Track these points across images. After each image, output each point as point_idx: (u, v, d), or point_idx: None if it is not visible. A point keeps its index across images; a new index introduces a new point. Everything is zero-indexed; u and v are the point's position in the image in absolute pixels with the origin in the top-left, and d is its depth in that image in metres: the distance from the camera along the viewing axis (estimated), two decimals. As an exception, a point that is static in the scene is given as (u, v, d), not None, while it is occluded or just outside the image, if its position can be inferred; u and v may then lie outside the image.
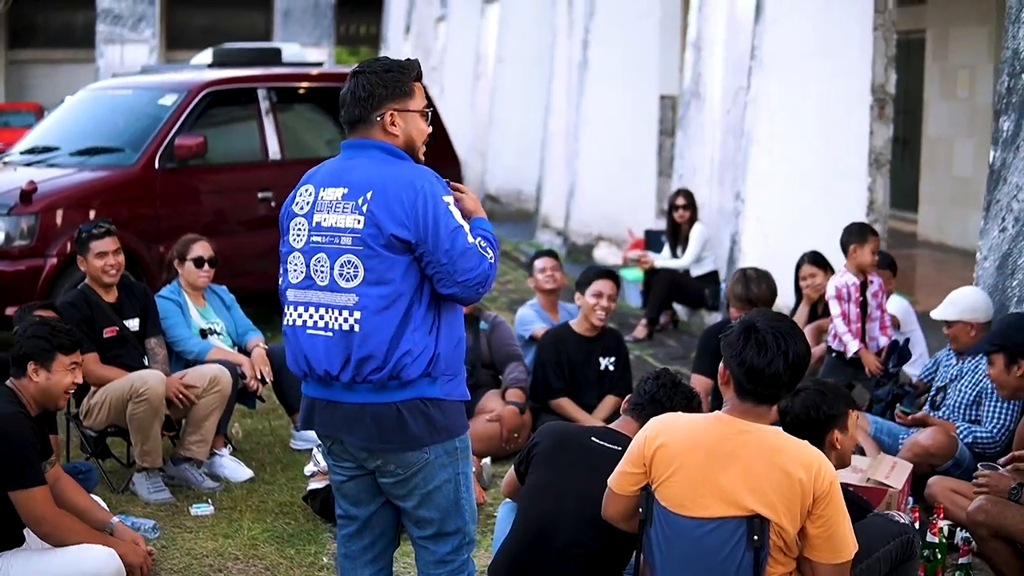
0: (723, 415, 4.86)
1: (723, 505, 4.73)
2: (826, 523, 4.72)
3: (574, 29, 20.02)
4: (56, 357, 6.23)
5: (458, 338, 5.07)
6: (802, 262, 10.09)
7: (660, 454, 4.86)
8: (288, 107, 13.84)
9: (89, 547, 6.00)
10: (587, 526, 5.53)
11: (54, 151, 12.78)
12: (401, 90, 5.07)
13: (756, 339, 4.76)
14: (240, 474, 8.47)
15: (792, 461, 4.71)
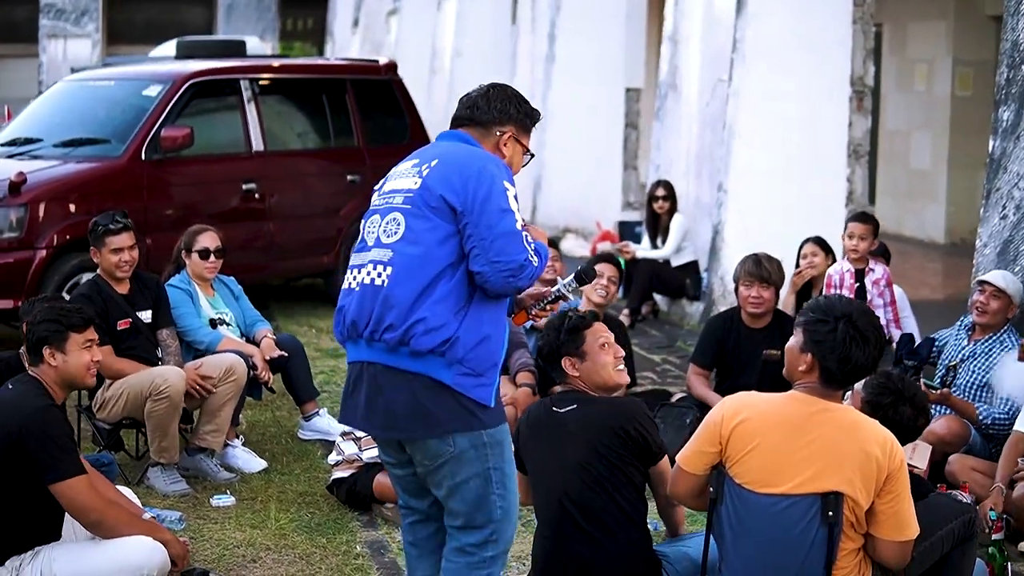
0: (800, 394, 4.94)
1: (801, 481, 4.81)
2: (894, 500, 4.84)
3: (538, 23, 20.10)
4: (69, 336, 6.12)
5: (485, 335, 4.99)
6: (806, 242, 10.16)
7: (739, 431, 4.93)
8: (271, 99, 13.84)
9: (133, 539, 5.95)
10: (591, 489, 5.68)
11: (37, 143, 12.69)
12: (526, 124, 5.31)
13: (859, 336, 4.86)
14: (254, 465, 8.46)
15: (869, 438, 4.82)
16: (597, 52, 18.68)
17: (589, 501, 5.71)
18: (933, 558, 5.28)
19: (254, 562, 6.81)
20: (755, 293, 8.87)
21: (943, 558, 5.32)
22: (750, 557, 4.99)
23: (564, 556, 5.70)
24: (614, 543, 5.68)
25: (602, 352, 5.96)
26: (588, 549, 5.69)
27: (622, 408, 5.78)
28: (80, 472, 5.86)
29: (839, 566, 4.87)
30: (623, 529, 5.70)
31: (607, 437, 5.67)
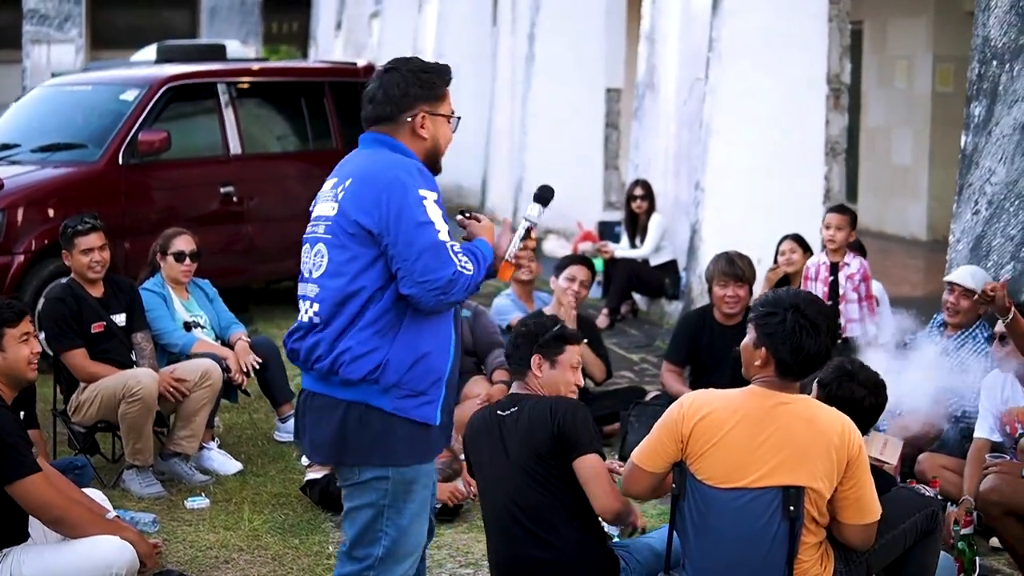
0: (758, 388, 4.97)
1: (762, 475, 4.85)
2: (855, 486, 4.91)
3: (518, 23, 20.12)
4: (5, 332, 6.16)
5: (423, 353, 4.78)
6: (784, 239, 10.20)
7: (700, 427, 4.97)
8: (249, 102, 13.85)
9: (102, 538, 5.98)
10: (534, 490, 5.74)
11: (14, 148, 12.70)
12: (434, 92, 4.97)
13: (808, 325, 4.89)
14: (229, 467, 8.49)
15: (827, 428, 4.89)
16: (577, 52, 18.70)
17: (534, 502, 5.75)
18: (896, 551, 5.32)
19: (227, 563, 6.84)
20: (731, 292, 8.94)
21: (906, 551, 5.35)
22: (713, 552, 5.02)
23: (517, 559, 5.74)
24: (564, 542, 5.72)
25: (571, 371, 6.09)
26: (539, 550, 5.72)
27: (554, 405, 5.81)
28: (33, 471, 5.86)
29: (801, 560, 4.91)
30: (572, 527, 5.74)
31: (543, 435, 5.72)
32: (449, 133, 5.04)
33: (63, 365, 8.24)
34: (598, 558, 5.80)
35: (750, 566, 4.93)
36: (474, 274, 4.74)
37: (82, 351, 8.09)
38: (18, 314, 6.23)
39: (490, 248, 4.89)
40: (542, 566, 5.73)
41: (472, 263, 4.76)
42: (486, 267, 4.84)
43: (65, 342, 8.10)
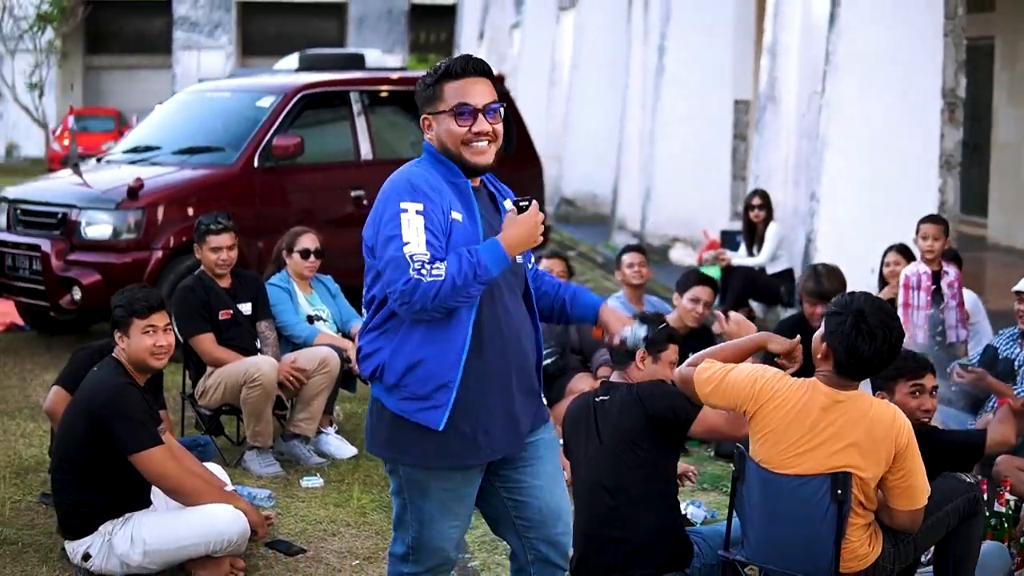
0: (820, 384, 5.34)
1: (814, 464, 5.23)
2: (905, 475, 5.26)
3: (649, 36, 20.49)
4: (132, 322, 6.63)
5: (418, 359, 4.88)
6: (889, 250, 10.50)
7: (764, 412, 5.38)
8: (379, 109, 14.38)
9: (216, 506, 6.54)
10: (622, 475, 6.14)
11: (156, 150, 13.42)
12: (428, 95, 5.00)
13: (867, 330, 5.23)
14: (345, 451, 9.01)
15: (877, 423, 5.22)
16: (706, 64, 19.00)
17: (620, 485, 6.17)
18: (940, 533, 5.65)
19: (333, 536, 7.34)
20: (819, 311, 9.17)
21: (950, 533, 5.68)
22: (768, 531, 5.44)
23: (599, 536, 6.17)
24: (644, 525, 6.14)
25: (669, 368, 6.52)
26: (620, 530, 6.15)
27: (639, 391, 6.23)
28: (156, 443, 6.42)
29: (849, 540, 5.29)
30: (652, 511, 6.16)
31: (634, 422, 6.14)
32: (454, 127, 4.94)
33: (192, 352, 8.82)
34: (673, 543, 6.22)
35: (802, 545, 5.33)
36: (447, 280, 4.71)
37: (209, 336, 8.67)
38: (149, 308, 6.66)
39: (495, 244, 4.84)
40: (621, 544, 6.17)
41: (450, 268, 4.74)
42: (481, 268, 4.77)
43: (193, 328, 8.68)
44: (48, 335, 13.12)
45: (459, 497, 5.08)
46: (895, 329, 5.34)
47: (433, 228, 4.82)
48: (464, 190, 4.99)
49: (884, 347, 5.27)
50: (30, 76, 35.18)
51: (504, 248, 4.84)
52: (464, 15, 44.14)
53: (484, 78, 5.02)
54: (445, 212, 4.89)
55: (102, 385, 6.51)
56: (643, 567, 6.21)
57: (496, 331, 4.98)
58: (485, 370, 4.95)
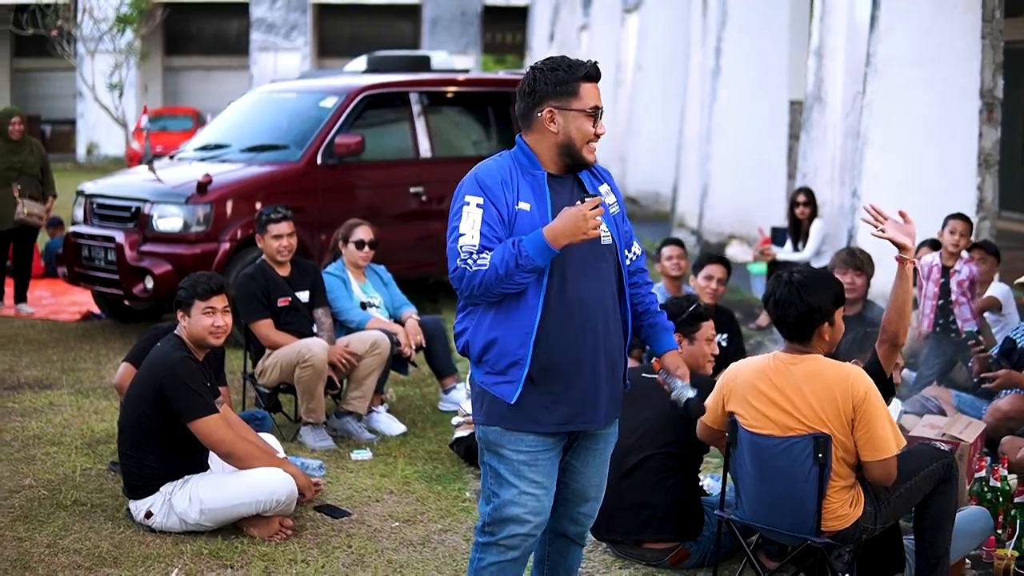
0: (779, 353, 5.96)
1: (787, 426, 5.81)
2: (866, 425, 5.79)
3: (707, 38, 20.99)
4: (193, 303, 7.30)
5: (491, 339, 5.19)
6: (922, 245, 10.99)
7: (734, 387, 6.03)
8: (438, 109, 15.00)
9: (267, 469, 7.20)
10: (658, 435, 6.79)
11: (225, 148, 14.14)
12: (564, 89, 5.16)
13: (787, 281, 5.89)
14: (394, 428, 9.62)
15: (830, 380, 5.82)
16: (761, 65, 19.51)
17: (649, 455, 6.77)
18: (918, 497, 6.16)
19: (377, 502, 7.95)
20: (848, 280, 9.72)
21: (927, 498, 6.20)
22: (758, 491, 6.01)
23: (622, 498, 6.75)
24: (664, 495, 6.76)
25: (707, 344, 7.24)
26: (642, 496, 6.76)
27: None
28: (211, 412, 7.08)
29: (830, 499, 5.85)
30: (673, 482, 6.76)
31: (665, 409, 6.67)
32: (587, 127, 5.17)
33: (252, 335, 9.46)
34: (688, 514, 6.82)
35: (789, 503, 5.89)
36: (491, 269, 5.01)
37: (268, 321, 9.31)
38: (209, 291, 7.34)
39: (538, 235, 5.01)
40: (640, 509, 6.78)
41: (494, 257, 5.03)
42: (523, 256, 5.00)
43: (253, 313, 9.32)
44: (122, 323, 13.82)
45: (534, 462, 5.25)
46: (809, 292, 5.90)
47: (490, 221, 5.11)
48: (540, 180, 5.24)
49: (795, 308, 5.88)
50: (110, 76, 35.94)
51: (546, 238, 5.01)
52: (536, 17, 44.75)
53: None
54: (509, 204, 5.15)
55: (164, 358, 7.17)
56: (660, 532, 6.81)
57: (571, 311, 5.19)
58: (558, 351, 5.17)
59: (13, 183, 14.10)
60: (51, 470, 8.39)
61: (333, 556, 6.98)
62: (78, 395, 10.55)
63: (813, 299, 5.90)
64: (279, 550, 7.01)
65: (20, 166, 14.18)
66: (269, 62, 48.86)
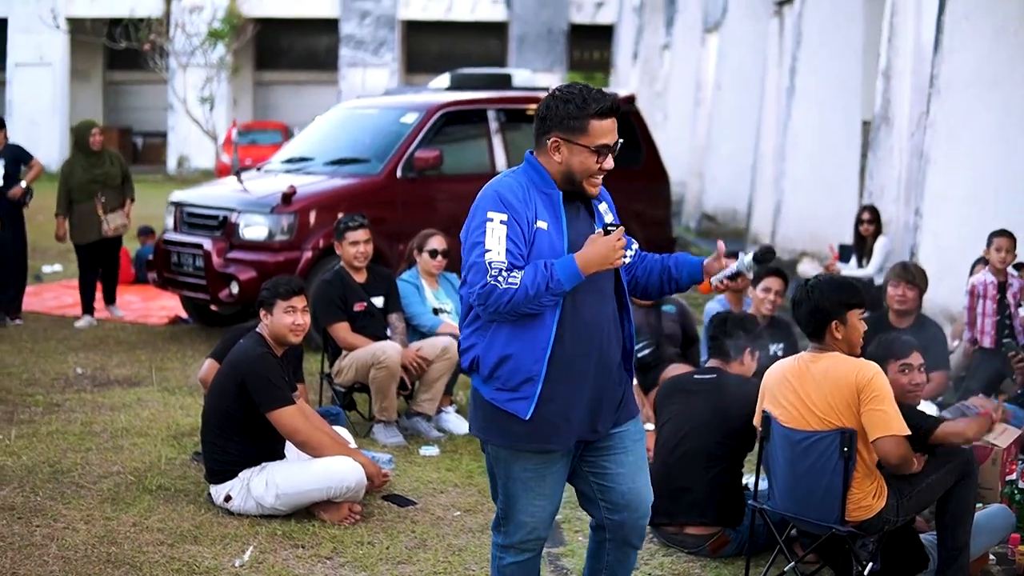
0: (804, 354, 6.43)
1: (810, 421, 6.28)
2: (873, 403, 6.26)
3: (783, 57, 21.40)
4: (276, 303, 7.91)
5: (506, 355, 5.26)
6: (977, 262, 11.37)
7: (768, 384, 6.53)
8: (515, 126, 15.50)
9: (338, 458, 7.77)
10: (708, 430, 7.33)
11: (309, 161, 14.75)
12: (571, 125, 5.25)
13: (797, 293, 6.42)
14: (462, 428, 10.14)
15: (841, 374, 6.33)
16: (835, 85, 19.86)
17: (698, 446, 7.28)
18: (938, 493, 6.61)
19: (441, 493, 8.48)
20: (900, 292, 10.12)
21: (947, 493, 6.63)
22: (788, 484, 6.48)
23: (666, 485, 7.23)
24: (707, 482, 7.25)
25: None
26: (686, 481, 7.25)
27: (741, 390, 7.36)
28: (288, 403, 7.66)
29: (854, 491, 6.32)
30: (716, 471, 7.25)
31: (737, 409, 7.23)
32: (590, 163, 5.27)
33: (329, 337, 10.01)
34: (729, 501, 7.32)
35: (817, 494, 6.38)
36: (521, 289, 5.11)
37: (344, 325, 9.87)
38: (291, 291, 7.96)
39: (570, 261, 5.17)
40: (684, 493, 7.31)
41: (525, 278, 5.12)
42: (554, 281, 5.13)
43: (330, 316, 9.88)
44: (208, 327, 14.45)
45: (542, 477, 5.44)
46: (819, 294, 6.40)
47: (515, 238, 5.17)
48: (554, 200, 5.32)
49: (805, 308, 6.41)
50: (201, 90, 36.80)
51: (578, 265, 5.15)
52: (620, 35, 45.24)
53: (616, 118, 5.34)
54: (530, 222, 5.22)
55: (246, 353, 7.76)
56: (702, 516, 7.31)
57: (580, 329, 5.31)
58: (568, 364, 5.30)
59: (96, 196, 14.49)
60: (138, 459, 8.99)
61: (397, 540, 7.51)
62: (165, 392, 11.16)
63: (820, 299, 6.37)
64: (347, 533, 7.56)
65: (103, 179, 14.56)
66: (357, 78, 49.60)
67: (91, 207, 14.51)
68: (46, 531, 7.42)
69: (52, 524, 7.55)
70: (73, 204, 14.55)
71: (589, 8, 52.74)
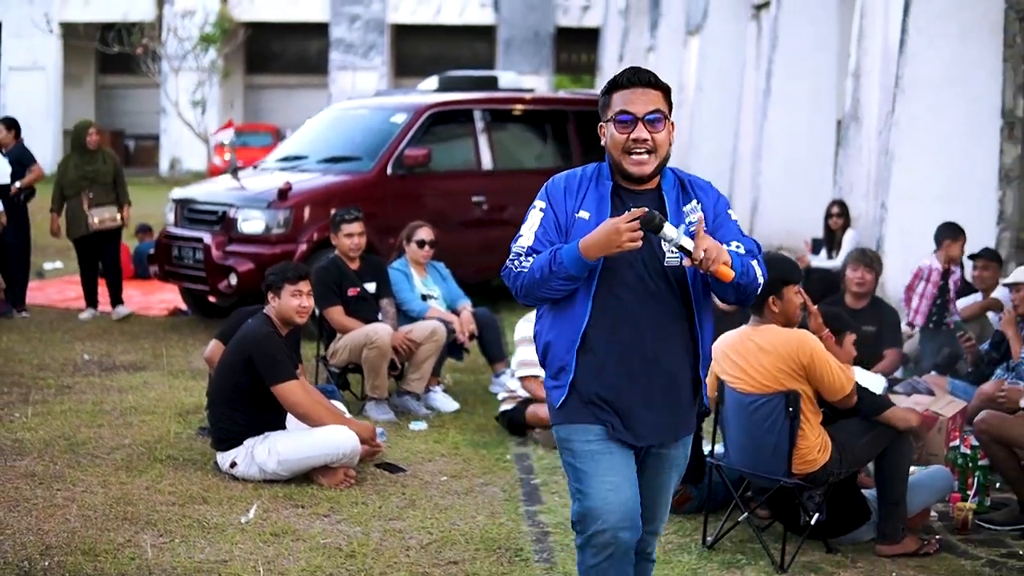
0: (746, 327, 7.15)
1: (758, 385, 7.00)
2: (819, 379, 7.00)
3: (760, 60, 22.10)
4: (284, 286, 8.62)
5: (546, 342, 5.25)
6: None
7: (716, 354, 7.17)
8: (500, 125, 16.21)
9: (334, 427, 8.46)
10: None
11: (303, 159, 15.46)
12: (603, 102, 5.24)
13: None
14: (449, 406, 10.83)
15: (781, 343, 7.03)
16: (810, 86, 20.57)
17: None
18: (875, 451, 7.29)
19: (429, 461, 9.17)
20: (859, 275, 10.78)
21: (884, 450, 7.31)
22: (740, 440, 7.17)
23: None
24: None
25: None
26: None
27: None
28: (292, 378, 8.35)
29: (800, 448, 7.01)
30: None
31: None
32: (617, 135, 5.12)
33: (325, 321, 10.69)
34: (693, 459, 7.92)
35: (766, 451, 7.08)
36: (529, 272, 5.07)
37: (339, 308, 10.56)
38: (298, 276, 8.70)
39: (573, 245, 5.01)
40: None
41: (536, 262, 5.07)
42: (556, 263, 5.02)
43: (326, 301, 10.56)
44: (207, 318, 15.12)
45: (607, 452, 5.21)
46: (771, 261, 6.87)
47: (547, 225, 5.15)
48: (604, 191, 5.18)
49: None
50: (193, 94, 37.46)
51: (580, 248, 4.97)
52: (606, 38, 45.94)
53: (652, 89, 5.17)
54: (569, 212, 5.16)
55: (254, 332, 8.46)
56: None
57: (612, 329, 5.16)
58: (601, 363, 5.17)
59: (84, 192, 14.85)
60: (147, 433, 9.67)
61: (388, 500, 8.20)
62: (169, 376, 11.84)
63: None
64: (343, 495, 8.24)
65: (93, 175, 14.92)
66: (347, 81, 50.24)
67: (79, 203, 14.88)
68: (66, 494, 8.09)
69: (72, 488, 8.22)
70: (65, 200, 15.01)
71: (575, 11, 53.41)
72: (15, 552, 7.00)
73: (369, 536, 7.48)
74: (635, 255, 5.08)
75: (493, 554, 7.24)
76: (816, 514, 7.20)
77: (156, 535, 7.38)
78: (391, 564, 7.03)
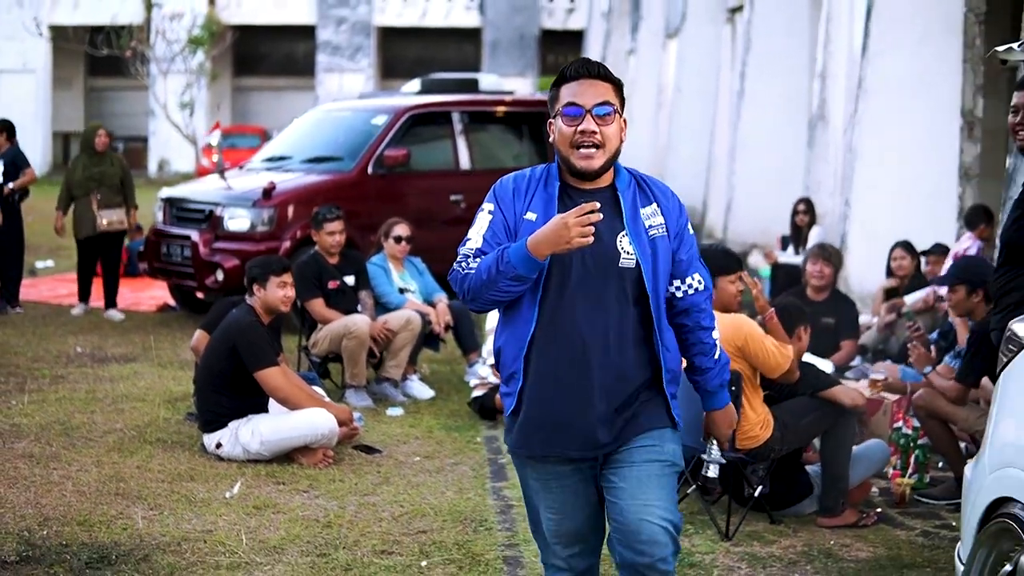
0: None
1: None
2: (755, 357, 7.59)
3: (734, 62, 22.65)
4: (269, 278, 9.14)
5: (499, 347, 5.07)
6: (895, 246, 12.68)
7: None
8: (478, 127, 16.76)
9: (313, 410, 9.00)
10: None
11: (287, 159, 16.02)
12: (549, 98, 5.01)
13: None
14: (425, 393, 11.37)
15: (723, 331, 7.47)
16: (782, 88, 21.10)
17: None
18: (819, 430, 7.86)
19: (404, 444, 9.72)
20: (818, 269, 11.31)
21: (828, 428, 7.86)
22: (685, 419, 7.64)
23: None
24: None
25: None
26: None
27: None
28: (273, 365, 8.90)
29: (743, 424, 7.54)
30: None
31: None
32: (565, 128, 4.88)
33: (306, 313, 11.22)
34: None
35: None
36: (476, 273, 4.81)
37: (319, 300, 11.10)
38: (283, 268, 9.25)
39: (521, 243, 4.74)
40: None
41: (482, 263, 4.82)
42: (504, 263, 4.74)
43: (307, 293, 11.08)
44: (194, 313, 15.62)
45: (545, 487, 5.12)
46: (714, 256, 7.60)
47: (496, 228, 4.92)
48: (552, 192, 4.94)
49: None
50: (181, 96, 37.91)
51: (528, 246, 4.71)
52: (590, 40, 46.46)
53: (602, 81, 4.92)
54: (518, 213, 4.92)
55: (238, 321, 9.01)
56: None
57: (560, 333, 4.92)
58: (548, 371, 4.95)
59: (92, 193, 15.28)
60: (138, 418, 10.21)
61: (364, 478, 8.74)
62: (158, 367, 12.38)
63: None
64: (321, 473, 8.78)
65: (100, 177, 15.37)
66: (334, 83, 50.77)
67: (88, 203, 15.32)
68: (62, 472, 8.63)
69: (67, 467, 8.76)
70: (73, 201, 15.49)
71: (560, 14, 54.01)
72: (15, 523, 7.54)
73: (345, 509, 8.02)
74: (586, 256, 4.85)
75: (459, 524, 7.78)
76: (760, 487, 7.74)
77: (147, 508, 7.91)
78: (364, 533, 7.57)
